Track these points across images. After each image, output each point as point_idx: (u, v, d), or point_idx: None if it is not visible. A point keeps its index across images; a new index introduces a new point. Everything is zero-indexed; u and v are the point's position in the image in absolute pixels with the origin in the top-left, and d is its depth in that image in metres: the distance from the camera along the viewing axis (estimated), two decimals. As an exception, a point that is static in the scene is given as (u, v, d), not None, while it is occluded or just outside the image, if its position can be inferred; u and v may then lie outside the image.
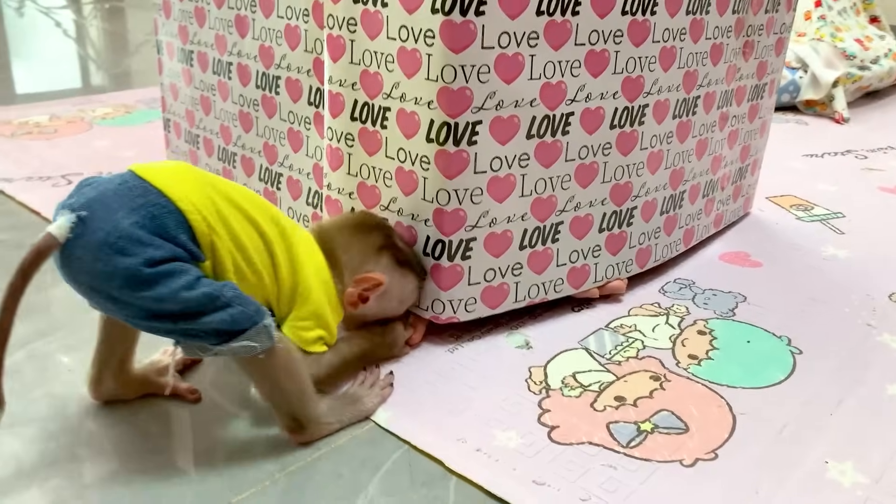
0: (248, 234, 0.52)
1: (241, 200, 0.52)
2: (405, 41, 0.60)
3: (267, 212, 0.54)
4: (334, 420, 0.55)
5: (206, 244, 0.49)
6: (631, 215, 0.75)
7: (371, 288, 0.59)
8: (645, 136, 0.72)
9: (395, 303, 0.63)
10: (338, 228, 0.62)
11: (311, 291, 0.55)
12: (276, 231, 0.54)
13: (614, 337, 0.69)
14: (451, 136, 0.60)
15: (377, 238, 0.61)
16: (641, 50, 0.68)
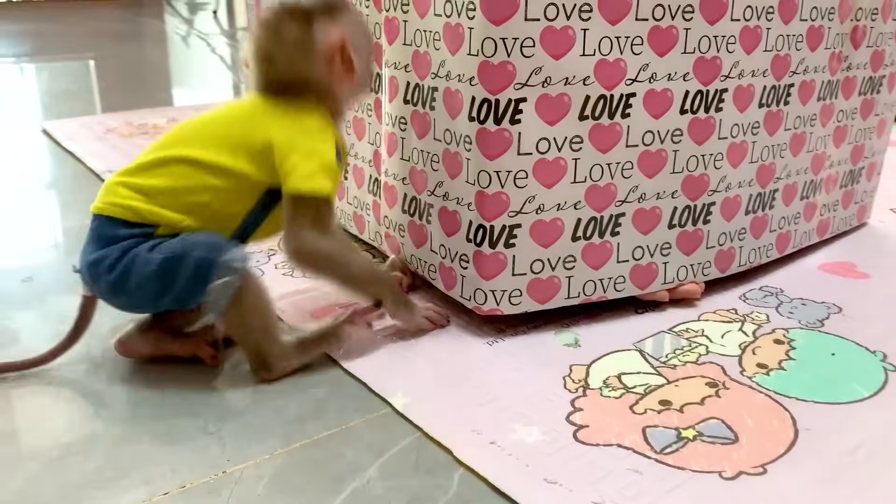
0: (173, 176, 0.55)
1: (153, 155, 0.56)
2: (449, 16, 0.58)
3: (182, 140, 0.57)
4: (298, 358, 0.57)
5: (144, 218, 0.54)
6: (708, 212, 0.68)
7: (341, 51, 0.56)
8: (724, 124, 0.66)
9: (364, 53, 0.59)
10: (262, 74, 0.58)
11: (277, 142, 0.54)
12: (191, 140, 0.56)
13: (675, 340, 0.62)
14: (492, 113, 0.57)
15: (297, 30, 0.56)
16: (717, 28, 0.62)
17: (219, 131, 0.57)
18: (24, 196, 1.00)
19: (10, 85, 1.84)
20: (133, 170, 0.56)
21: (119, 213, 0.54)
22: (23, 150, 1.23)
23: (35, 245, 0.83)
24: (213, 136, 0.56)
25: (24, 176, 1.09)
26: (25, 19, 3.16)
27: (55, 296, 0.70)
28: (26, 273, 0.75)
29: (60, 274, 0.75)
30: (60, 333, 0.58)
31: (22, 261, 0.78)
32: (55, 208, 0.95)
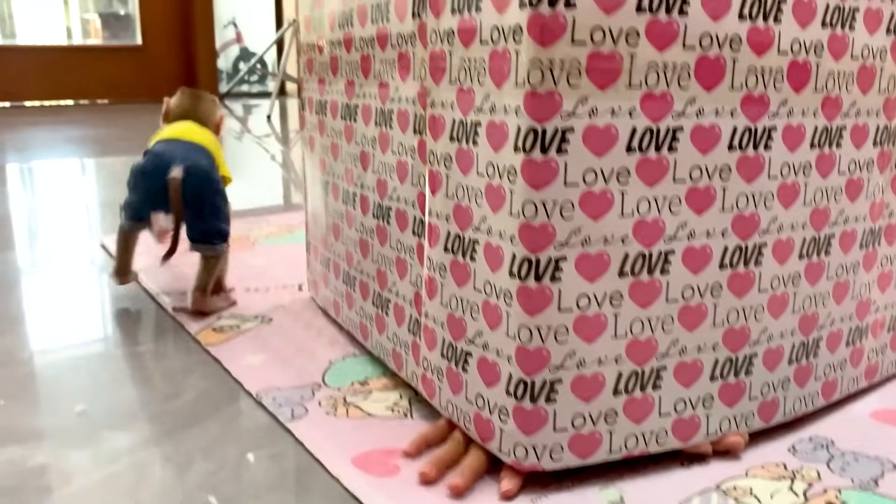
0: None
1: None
2: (492, 177, 0.60)
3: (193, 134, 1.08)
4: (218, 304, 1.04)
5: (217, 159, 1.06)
6: (750, 363, 0.68)
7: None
8: (763, 276, 0.66)
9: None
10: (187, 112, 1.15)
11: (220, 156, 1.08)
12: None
13: (723, 500, 0.61)
14: (533, 271, 0.58)
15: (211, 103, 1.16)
16: (755, 186, 0.63)
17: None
18: (81, 320, 1.03)
19: (74, 192, 1.93)
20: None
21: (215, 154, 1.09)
22: (82, 264, 1.28)
23: (91, 375, 0.85)
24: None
25: (81, 294, 1.13)
26: (88, 123, 3.34)
27: (109, 431, 0.71)
28: (80, 405, 0.77)
29: (115, 406, 0.77)
30: (114, 475, 0.59)
31: (76, 389, 0.80)
32: (110, 335, 0.98)
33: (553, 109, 0.55)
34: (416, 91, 0.70)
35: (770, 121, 0.63)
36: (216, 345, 0.91)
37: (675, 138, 0.59)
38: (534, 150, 0.56)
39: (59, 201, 1.81)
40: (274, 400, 0.77)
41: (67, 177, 2.16)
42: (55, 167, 2.27)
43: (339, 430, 0.71)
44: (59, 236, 1.48)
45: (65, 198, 1.86)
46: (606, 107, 0.57)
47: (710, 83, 0.60)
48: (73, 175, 2.19)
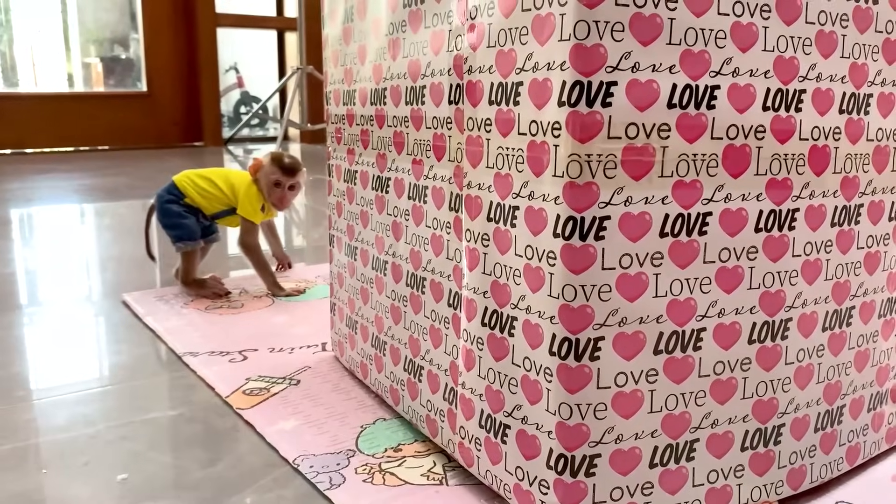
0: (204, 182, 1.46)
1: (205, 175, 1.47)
2: (530, 259, 0.63)
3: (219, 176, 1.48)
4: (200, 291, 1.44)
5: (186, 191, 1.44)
6: (779, 433, 0.70)
7: (256, 164, 1.43)
8: (790, 349, 0.69)
9: (266, 185, 1.43)
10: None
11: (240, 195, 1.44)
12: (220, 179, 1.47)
13: (757, 572, 0.63)
14: (573, 351, 0.61)
15: (272, 155, 1.45)
16: (780, 265, 0.67)
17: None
18: (110, 382, 1.05)
19: (88, 247, 1.95)
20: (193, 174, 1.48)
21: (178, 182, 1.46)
22: (105, 325, 1.30)
23: (128, 440, 0.87)
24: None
25: (108, 357, 1.15)
26: (96, 171, 3.38)
27: (152, 502, 0.73)
28: (121, 474, 0.78)
29: (155, 473, 0.78)
30: (160, 557, 0.60)
31: (114, 457, 0.82)
32: (143, 399, 1.00)
33: (591, 199, 0.59)
34: (452, 171, 0.74)
35: (793, 203, 0.66)
36: (248, 409, 0.93)
37: (705, 223, 0.63)
38: (573, 236, 0.59)
39: (81, 256, 1.84)
40: (311, 467, 0.79)
41: (78, 228, 2.19)
42: (76, 219, 2.30)
43: (379, 498, 0.73)
44: (78, 292, 1.50)
45: (87, 251, 1.88)
46: (641, 196, 0.60)
47: (737, 170, 0.63)
48: (88, 225, 2.22)
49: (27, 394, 0.99)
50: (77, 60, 5.37)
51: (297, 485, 0.77)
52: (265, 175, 1.42)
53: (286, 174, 1.42)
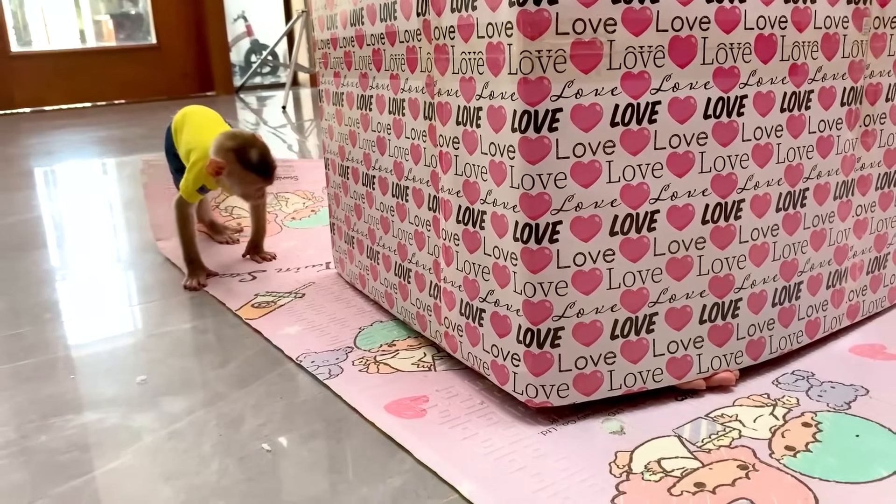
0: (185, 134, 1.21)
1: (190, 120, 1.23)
2: (494, 155, 0.68)
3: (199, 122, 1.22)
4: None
5: (174, 137, 1.24)
6: (736, 307, 0.76)
7: (217, 166, 1.08)
8: (744, 229, 0.74)
9: (239, 185, 1.12)
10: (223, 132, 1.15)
11: (187, 169, 1.15)
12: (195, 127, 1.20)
13: (711, 426, 0.69)
14: (533, 235, 0.67)
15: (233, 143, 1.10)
16: (730, 149, 0.71)
17: None
18: (128, 305, 1.13)
19: (106, 190, 2.03)
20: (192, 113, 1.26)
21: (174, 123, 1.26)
22: (125, 256, 1.38)
23: (146, 351, 0.95)
24: None
25: (128, 283, 1.23)
26: (112, 123, 3.45)
27: (168, 397, 0.81)
28: (140, 375, 0.86)
29: (171, 375, 0.87)
30: (177, 432, 0.69)
31: (135, 364, 0.90)
32: (158, 316, 1.07)
33: (543, 93, 0.63)
34: (424, 81, 0.79)
35: (741, 90, 0.71)
36: (256, 319, 1.01)
37: (655, 111, 0.67)
38: (528, 129, 0.64)
39: (99, 198, 1.92)
40: (312, 362, 0.86)
41: (96, 175, 2.27)
42: (93, 167, 2.38)
43: (372, 384, 0.80)
44: (98, 232, 1.58)
45: (105, 194, 1.97)
46: (591, 88, 0.65)
47: (684, 61, 0.68)
48: (115, 172, 2.30)
49: (54, 315, 1.07)
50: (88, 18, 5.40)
51: (300, 378, 0.84)
52: (241, 183, 1.11)
53: (268, 179, 1.12)
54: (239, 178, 1.10)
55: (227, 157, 1.08)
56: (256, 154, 1.09)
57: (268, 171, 1.11)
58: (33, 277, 1.26)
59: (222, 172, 1.09)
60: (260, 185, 1.12)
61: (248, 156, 1.09)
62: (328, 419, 0.75)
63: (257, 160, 1.09)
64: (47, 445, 0.72)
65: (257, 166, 1.09)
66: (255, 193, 1.14)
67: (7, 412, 0.80)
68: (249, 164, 1.09)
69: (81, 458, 0.70)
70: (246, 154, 1.09)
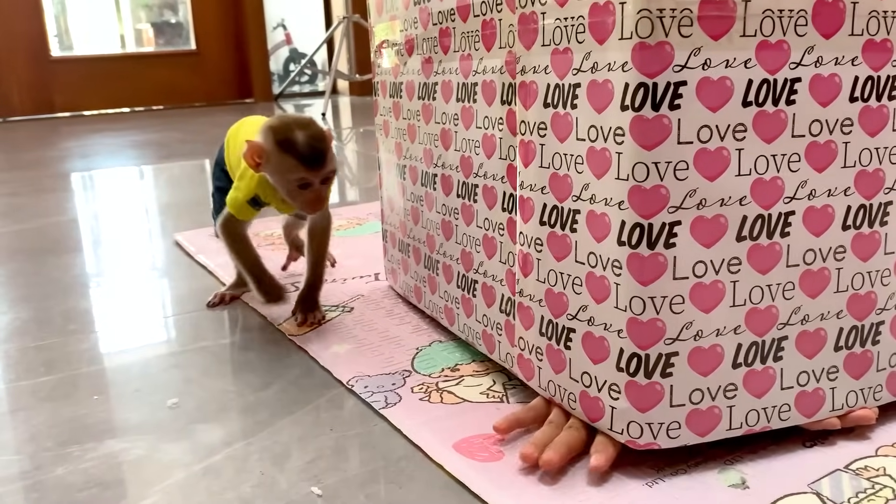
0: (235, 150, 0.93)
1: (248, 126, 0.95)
2: (594, 141, 0.57)
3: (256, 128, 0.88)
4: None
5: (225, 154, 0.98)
6: (877, 332, 0.63)
7: (254, 150, 0.82)
8: (890, 238, 0.61)
9: (280, 180, 0.84)
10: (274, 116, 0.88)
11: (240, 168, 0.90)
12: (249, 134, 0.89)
13: (856, 482, 0.56)
14: (645, 238, 0.55)
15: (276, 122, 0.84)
16: (878, 140, 0.59)
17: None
18: (163, 316, 1.03)
19: (140, 194, 1.96)
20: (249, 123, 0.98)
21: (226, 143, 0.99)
22: (157, 262, 1.29)
23: (179, 369, 0.85)
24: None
25: (159, 291, 1.14)
26: (150, 128, 3.41)
27: (203, 424, 0.70)
28: (172, 398, 0.76)
29: (207, 398, 0.76)
30: (213, 468, 0.58)
31: (166, 384, 0.80)
32: (195, 330, 0.97)
33: (665, 62, 0.52)
34: (504, 59, 0.67)
35: (894, 69, 0.58)
36: (300, 335, 0.90)
37: (794, 90, 0.55)
38: (644, 106, 0.52)
39: (133, 202, 1.84)
40: (366, 387, 0.75)
41: (132, 178, 2.20)
42: (129, 171, 2.32)
43: (436, 416, 0.69)
44: (132, 237, 1.50)
45: (139, 198, 1.89)
46: (721, 58, 0.53)
47: (830, 30, 0.55)
48: (151, 177, 2.23)
49: (80, 326, 0.97)
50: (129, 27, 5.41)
51: (352, 405, 0.73)
52: (278, 172, 0.83)
53: (313, 168, 0.82)
54: (276, 165, 0.82)
55: (265, 138, 0.82)
56: (303, 135, 0.81)
57: (314, 157, 0.81)
58: (61, 284, 1.17)
59: (261, 159, 0.82)
60: (302, 177, 0.81)
61: (292, 136, 0.81)
62: (387, 457, 0.63)
63: (302, 141, 0.80)
64: (63, 480, 0.62)
65: (299, 148, 0.80)
66: (299, 191, 0.83)
67: (22, 437, 0.70)
68: (290, 144, 0.80)
69: (101, 496, 0.60)
70: (288, 133, 0.81)
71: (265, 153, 0.82)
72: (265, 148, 0.81)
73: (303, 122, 0.83)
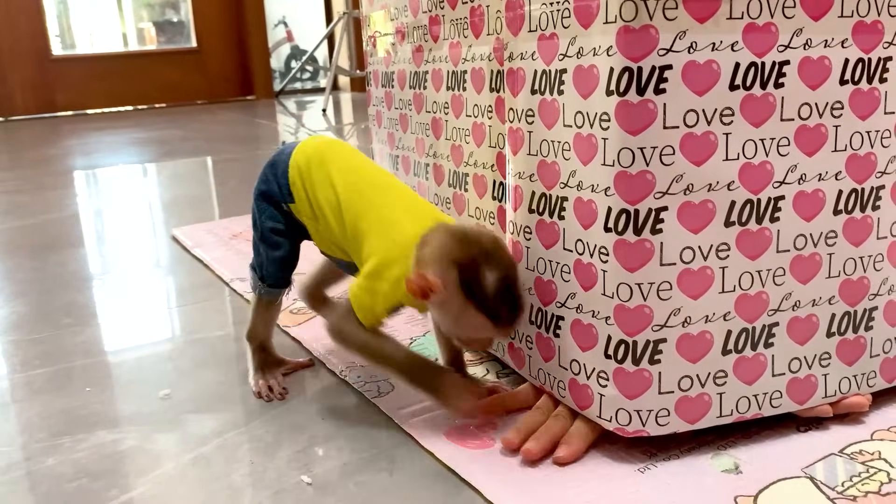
0: (326, 192, 0.67)
1: (334, 167, 0.68)
2: (581, 127, 0.56)
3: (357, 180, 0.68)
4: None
5: (294, 189, 0.69)
6: (870, 317, 0.62)
7: (426, 287, 0.57)
8: (882, 222, 0.61)
9: (453, 324, 0.61)
10: (447, 228, 0.62)
11: (374, 254, 0.63)
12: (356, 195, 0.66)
13: (850, 465, 0.56)
14: (632, 224, 0.54)
15: (462, 252, 0.58)
16: (870, 123, 0.58)
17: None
18: (156, 309, 1.03)
19: (140, 191, 1.96)
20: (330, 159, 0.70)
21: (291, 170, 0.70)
22: (154, 257, 1.29)
23: (172, 361, 0.85)
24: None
25: (155, 285, 1.14)
26: (151, 126, 3.41)
27: (194, 415, 0.70)
28: (164, 389, 0.76)
29: (199, 389, 0.76)
30: (204, 457, 0.58)
31: (158, 376, 0.80)
32: (187, 322, 0.97)
33: (649, 46, 0.51)
34: (492, 46, 0.67)
35: (885, 50, 0.57)
36: (294, 326, 0.90)
37: (782, 73, 0.55)
38: (629, 91, 0.52)
39: (133, 199, 1.84)
40: (359, 377, 0.75)
41: (135, 178, 2.20)
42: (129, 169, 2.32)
43: (428, 405, 0.68)
44: (131, 233, 1.50)
45: (138, 195, 1.89)
46: (707, 41, 0.52)
47: (818, 11, 0.55)
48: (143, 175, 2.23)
49: (76, 320, 0.98)
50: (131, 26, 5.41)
51: (345, 395, 0.73)
52: (457, 321, 0.60)
53: (505, 326, 0.59)
54: (459, 315, 0.59)
55: (446, 278, 0.58)
56: (496, 281, 0.58)
57: (512, 314, 0.59)
58: (59, 279, 1.17)
59: (431, 297, 0.58)
60: (492, 336, 0.61)
61: (483, 283, 0.57)
62: (378, 446, 0.63)
63: (498, 293, 0.58)
64: (53, 470, 0.62)
65: (495, 305, 0.58)
66: (480, 342, 0.63)
67: (14, 429, 0.70)
68: (483, 299, 0.58)
69: (90, 486, 0.60)
70: (479, 280, 0.58)
71: (441, 292, 0.58)
72: (444, 288, 0.58)
73: (496, 257, 0.59)
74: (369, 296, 0.62)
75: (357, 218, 0.65)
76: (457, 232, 0.61)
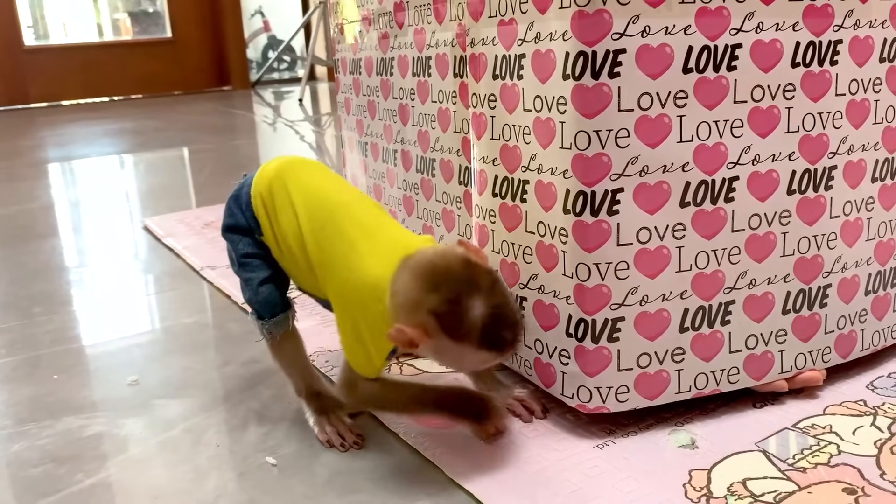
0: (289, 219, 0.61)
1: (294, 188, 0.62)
2: (539, 111, 0.57)
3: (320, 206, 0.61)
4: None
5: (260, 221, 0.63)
6: (824, 295, 0.64)
7: (407, 341, 0.51)
8: (835, 202, 0.62)
9: (454, 364, 0.59)
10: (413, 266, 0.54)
11: (341, 299, 0.60)
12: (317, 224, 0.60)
13: (802, 439, 0.58)
14: (588, 205, 0.55)
15: (435, 296, 0.51)
16: (821, 105, 0.59)
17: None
18: (127, 297, 1.03)
19: (114, 182, 1.95)
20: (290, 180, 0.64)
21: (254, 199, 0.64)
22: (125, 247, 1.28)
23: (140, 348, 0.85)
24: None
25: (126, 274, 1.13)
26: (126, 117, 3.38)
27: (162, 400, 0.71)
28: (132, 376, 0.76)
29: (167, 376, 0.76)
30: (170, 441, 0.58)
31: (127, 363, 0.80)
32: (157, 310, 0.97)
33: (603, 30, 0.52)
34: (455, 32, 0.67)
35: (835, 33, 0.59)
36: (264, 313, 0.90)
37: (735, 56, 0.56)
38: (584, 75, 0.53)
39: (106, 190, 1.83)
40: (327, 362, 0.75)
41: (109, 168, 2.18)
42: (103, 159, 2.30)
43: (395, 387, 0.69)
44: (102, 223, 1.49)
45: (112, 186, 1.88)
46: (660, 25, 0.53)
47: (770, -6, 0.56)
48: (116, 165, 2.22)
49: (44, 309, 0.97)
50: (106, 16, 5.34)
51: (312, 378, 0.73)
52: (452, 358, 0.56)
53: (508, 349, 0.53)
54: (458, 356, 0.55)
55: (427, 327, 0.52)
56: (483, 310, 0.52)
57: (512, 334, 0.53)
58: (28, 269, 1.16)
59: (418, 347, 0.53)
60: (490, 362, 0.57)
61: (469, 319, 0.51)
62: (343, 427, 0.64)
63: (489, 321, 0.52)
64: (18, 456, 0.62)
65: (492, 334, 0.52)
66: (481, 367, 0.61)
67: (-20, 417, 0.70)
68: (475, 335, 0.52)
69: (55, 472, 0.60)
70: (463, 317, 0.52)
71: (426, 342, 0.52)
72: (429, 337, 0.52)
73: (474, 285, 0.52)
74: (361, 349, 0.58)
75: (320, 251, 0.60)
76: (424, 268, 0.54)
